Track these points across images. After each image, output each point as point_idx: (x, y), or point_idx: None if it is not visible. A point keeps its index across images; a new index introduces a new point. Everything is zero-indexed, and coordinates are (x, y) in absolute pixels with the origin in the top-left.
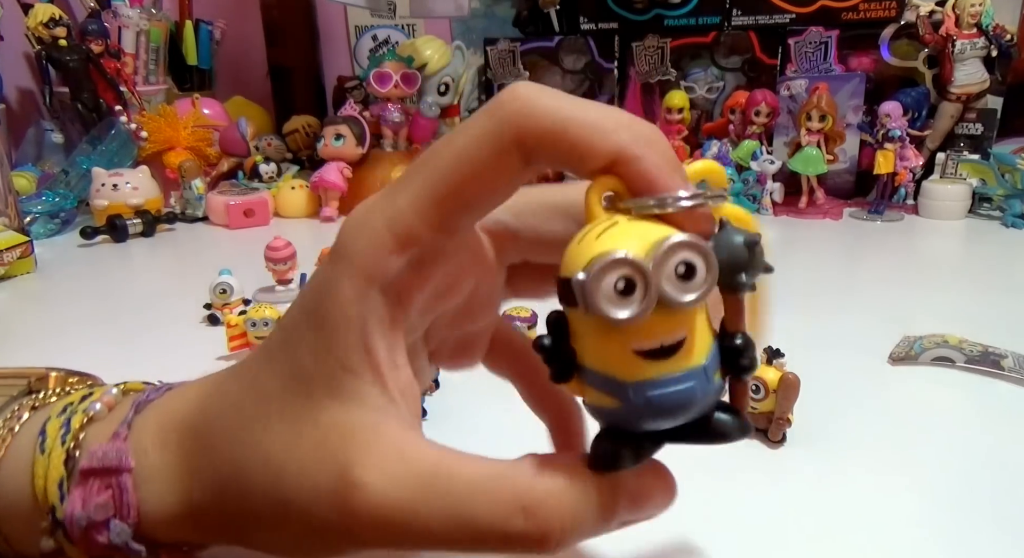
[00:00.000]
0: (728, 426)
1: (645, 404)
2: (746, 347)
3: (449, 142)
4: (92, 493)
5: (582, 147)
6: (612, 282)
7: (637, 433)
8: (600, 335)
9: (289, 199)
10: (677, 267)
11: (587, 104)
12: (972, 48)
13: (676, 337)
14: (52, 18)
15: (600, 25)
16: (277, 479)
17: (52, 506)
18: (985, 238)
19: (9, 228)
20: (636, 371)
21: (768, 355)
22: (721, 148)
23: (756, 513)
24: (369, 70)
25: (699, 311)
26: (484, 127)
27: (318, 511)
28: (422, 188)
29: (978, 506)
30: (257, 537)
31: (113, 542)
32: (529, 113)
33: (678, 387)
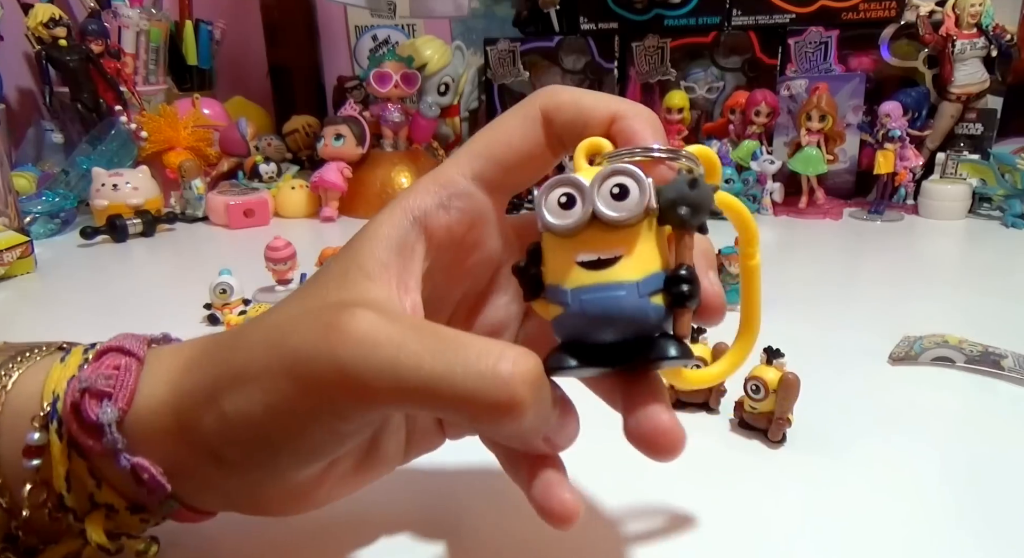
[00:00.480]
0: (666, 349)
1: (579, 307)
2: (689, 278)
3: (492, 121)
4: (102, 366)
5: (589, 108)
6: (556, 197)
7: (585, 345)
8: (553, 250)
9: (289, 199)
10: (612, 188)
11: (594, 92)
12: (972, 48)
13: (612, 252)
14: (52, 18)
15: (600, 25)
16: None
17: (56, 397)
18: (985, 238)
19: (9, 228)
20: (575, 278)
21: (768, 355)
22: (721, 148)
23: (756, 513)
24: (369, 70)
25: (646, 239)
26: (518, 106)
27: (304, 352)
28: (463, 148)
29: (978, 506)
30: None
31: (99, 419)
32: (553, 92)
33: (607, 294)
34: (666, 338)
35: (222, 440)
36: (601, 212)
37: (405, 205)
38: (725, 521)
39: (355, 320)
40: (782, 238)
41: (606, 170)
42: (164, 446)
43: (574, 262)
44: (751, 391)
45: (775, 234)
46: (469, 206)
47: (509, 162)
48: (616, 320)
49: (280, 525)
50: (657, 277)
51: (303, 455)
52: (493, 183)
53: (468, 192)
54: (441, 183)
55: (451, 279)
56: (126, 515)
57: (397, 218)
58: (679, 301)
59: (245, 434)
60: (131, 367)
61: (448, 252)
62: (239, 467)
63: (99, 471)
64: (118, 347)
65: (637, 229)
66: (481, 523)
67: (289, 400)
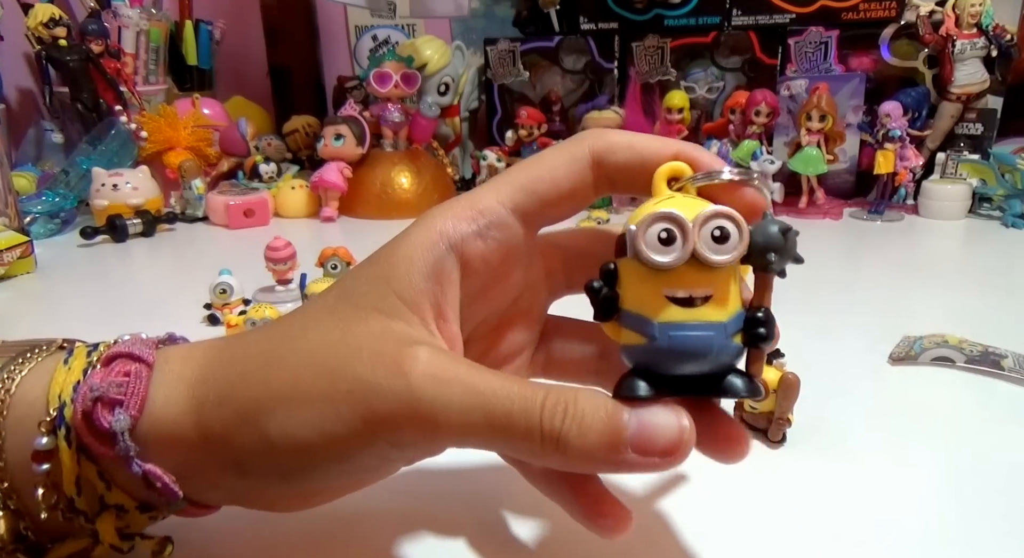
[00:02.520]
0: (738, 386)
1: (667, 343)
2: (767, 320)
3: (535, 155)
4: (111, 373)
5: (647, 151)
6: (656, 231)
7: (659, 374)
8: (641, 280)
9: (289, 199)
10: (713, 231)
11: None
12: (972, 48)
13: (704, 292)
14: (52, 18)
15: (600, 25)
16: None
17: (62, 403)
18: (985, 238)
19: (9, 228)
20: (664, 313)
21: (768, 355)
22: (721, 148)
23: (756, 513)
24: (369, 70)
25: (731, 280)
26: (564, 143)
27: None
28: (503, 178)
29: (978, 506)
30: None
31: (112, 428)
32: (601, 134)
33: (697, 333)
34: (738, 375)
35: (257, 457)
36: (703, 255)
37: (442, 229)
38: (725, 521)
39: (426, 356)
40: None
41: (707, 212)
42: (179, 453)
43: (663, 296)
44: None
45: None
46: (505, 237)
47: (551, 199)
48: (702, 358)
49: (284, 524)
50: (740, 317)
51: (343, 476)
52: (531, 217)
53: (506, 223)
54: (480, 210)
55: (476, 305)
56: (136, 514)
57: (432, 242)
58: (755, 342)
59: (289, 455)
60: (142, 374)
61: (480, 279)
62: (263, 478)
63: (109, 474)
64: (127, 353)
65: (728, 270)
66: (482, 522)
67: (349, 428)
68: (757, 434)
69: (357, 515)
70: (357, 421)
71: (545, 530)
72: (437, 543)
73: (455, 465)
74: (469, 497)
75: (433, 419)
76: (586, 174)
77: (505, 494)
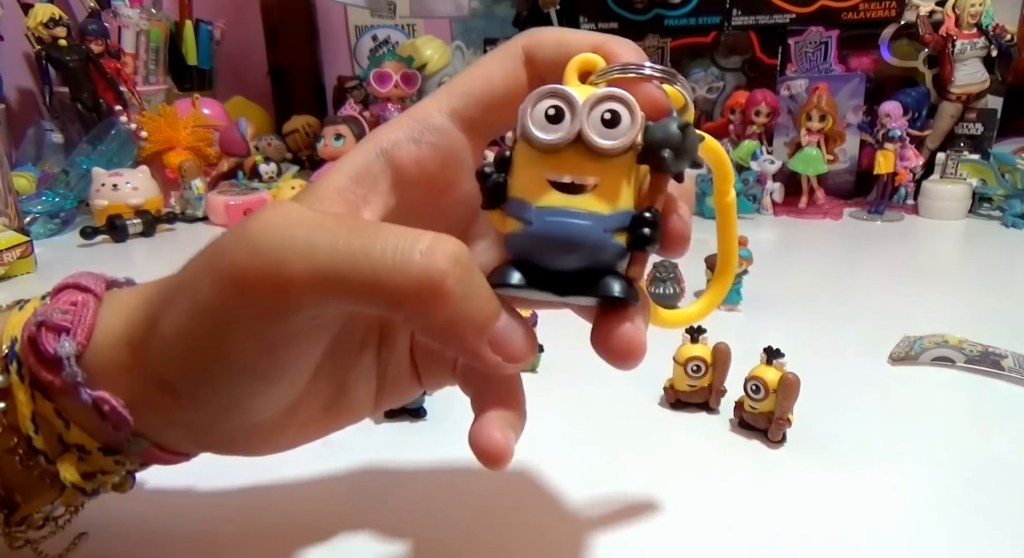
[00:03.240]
0: (613, 287)
1: (542, 228)
2: (653, 222)
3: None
4: (59, 302)
5: (572, 43)
6: (544, 108)
7: (535, 267)
8: (528, 163)
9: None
10: (604, 113)
11: (578, 30)
12: (972, 48)
13: (587, 180)
14: (52, 18)
15: (600, 25)
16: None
17: (14, 340)
18: (985, 238)
19: (9, 228)
20: (544, 197)
21: (768, 355)
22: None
23: (756, 513)
24: (369, 70)
25: (625, 175)
26: (501, 46)
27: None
28: (442, 87)
29: (978, 506)
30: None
31: (57, 353)
32: (535, 32)
33: (572, 220)
34: (615, 277)
35: (163, 362)
36: (588, 136)
37: (374, 138)
38: (725, 521)
39: (273, 208)
40: (782, 238)
41: (601, 92)
42: (122, 380)
43: (546, 180)
44: (751, 391)
45: (775, 234)
46: (443, 142)
47: (488, 100)
48: (574, 248)
49: (270, 521)
50: (624, 215)
51: (237, 376)
52: (471, 121)
53: (443, 127)
54: (415, 117)
55: (424, 220)
56: (99, 456)
57: (363, 150)
58: (639, 244)
59: (178, 350)
60: (88, 303)
61: (419, 189)
62: (190, 397)
63: (65, 411)
64: (74, 284)
65: (617, 161)
66: (473, 531)
67: (208, 299)
68: (757, 434)
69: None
70: (212, 290)
71: (541, 532)
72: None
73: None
74: (453, 510)
75: (277, 269)
76: (520, 72)
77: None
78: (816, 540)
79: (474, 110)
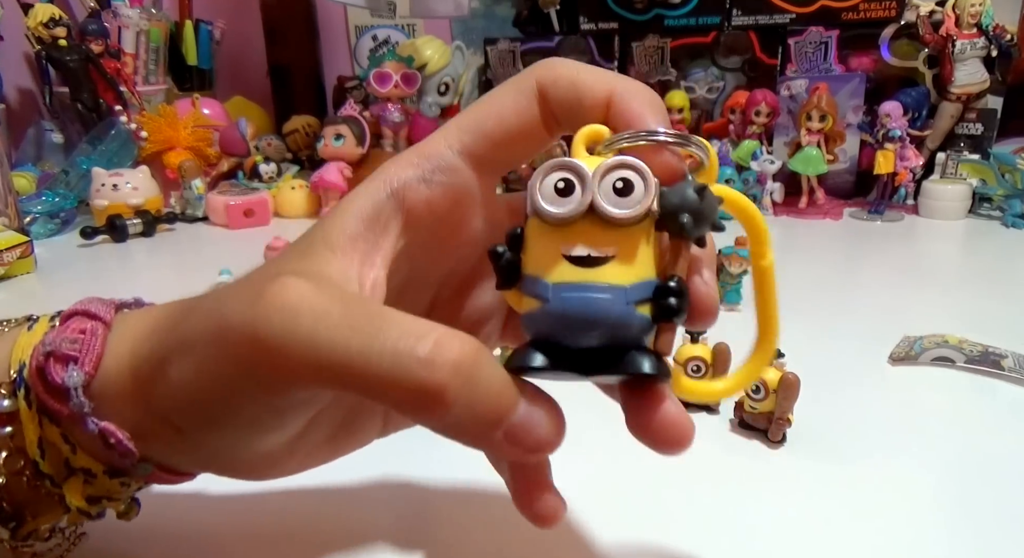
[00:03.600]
0: (640, 363)
1: (560, 306)
2: (679, 291)
3: (487, 93)
4: (67, 330)
5: (585, 85)
6: (553, 181)
7: (556, 346)
8: (538, 239)
9: (289, 199)
10: (616, 182)
11: (594, 67)
12: (972, 48)
13: (604, 251)
14: (52, 18)
15: (600, 25)
16: (212, 308)
17: (22, 364)
18: (985, 238)
19: (9, 228)
20: (559, 272)
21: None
22: (721, 148)
23: (756, 513)
24: (369, 70)
25: (642, 243)
26: (514, 78)
27: (233, 318)
28: (453, 121)
29: (978, 506)
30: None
31: (64, 383)
32: (550, 66)
33: (591, 295)
34: (642, 352)
35: (171, 407)
36: (600, 206)
37: (384, 177)
38: (725, 521)
39: (282, 289)
40: (782, 238)
41: (611, 161)
42: (127, 410)
43: (561, 255)
44: (751, 391)
45: (775, 234)
46: (453, 181)
47: (500, 138)
48: (596, 324)
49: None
50: (647, 285)
51: (244, 429)
52: (482, 159)
53: (453, 166)
54: (425, 155)
55: (432, 259)
56: (105, 479)
57: (373, 189)
58: (665, 315)
59: (186, 402)
60: (97, 331)
61: (429, 230)
62: (195, 435)
63: (72, 436)
64: (84, 311)
65: (633, 230)
66: (472, 529)
67: (216, 368)
68: (757, 434)
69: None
70: (219, 361)
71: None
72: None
73: (440, 472)
74: (450, 507)
75: (281, 357)
76: (533, 109)
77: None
78: (816, 540)
79: (485, 148)
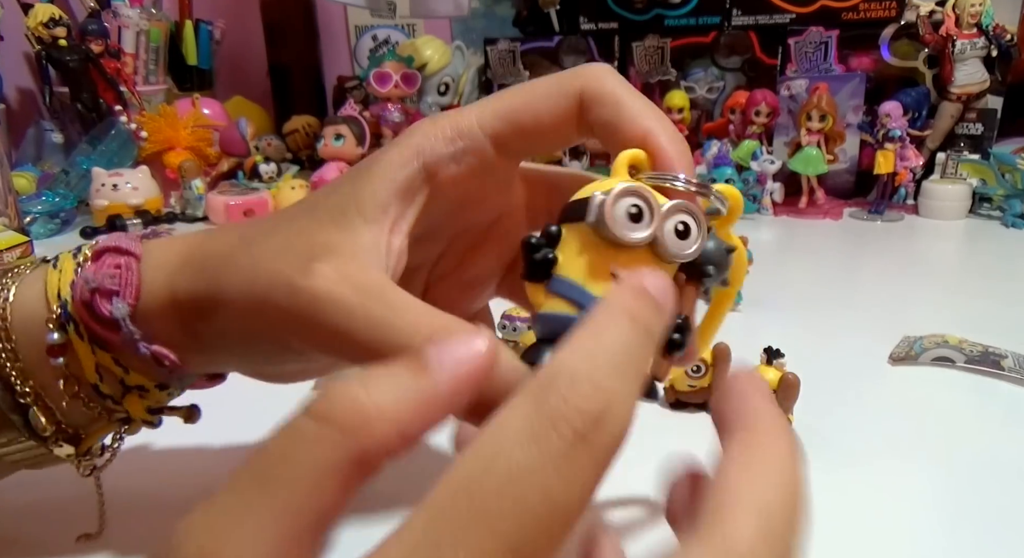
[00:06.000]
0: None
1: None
2: (685, 327)
3: (527, 82)
4: (103, 266)
5: (626, 117)
6: (627, 205)
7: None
8: (591, 250)
9: (289, 199)
10: (678, 224)
11: (639, 94)
12: (972, 48)
13: None
14: (52, 18)
15: (600, 25)
16: (255, 268)
17: (63, 301)
18: (985, 238)
19: (9, 228)
20: (605, 288)
21: (768, 355)
22: (721, 148)
23: None
24: (369, 70)
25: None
26: (558, 76)
27: (273, 292)
28: (488, 103)
29: (978, 506)
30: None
31: (113, 315)
32: (598, 79)
33: None
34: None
35: (211, 346)
36: (663, 242)
37: (418, 147)
38: None
39: (320, 279)
40: (782, 238)
41: (678, 203)
42: (169, 332)
43: (610, 272)
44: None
45: (775, 234)
46: (481, 162)
47: (532, 132)
48: None
49: None
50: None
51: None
52: (510, 148)
53: (483, 149)
54: (459, 131)
55: (449, 221)
56: (155, 392)
57: (406, 158)
58: (670, 347)
59: (221, 338)
60: (131, 265)
61: (451, 200)
62: (235, 360)
63: (122, 359)
64: (115, 247)
65: (671, 267)
66: None
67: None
68: None
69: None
70: (258, 320)
71: None
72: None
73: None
74: None
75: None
76: (571, 115)
77: None
78: (816, 540)
79: (515, 138)
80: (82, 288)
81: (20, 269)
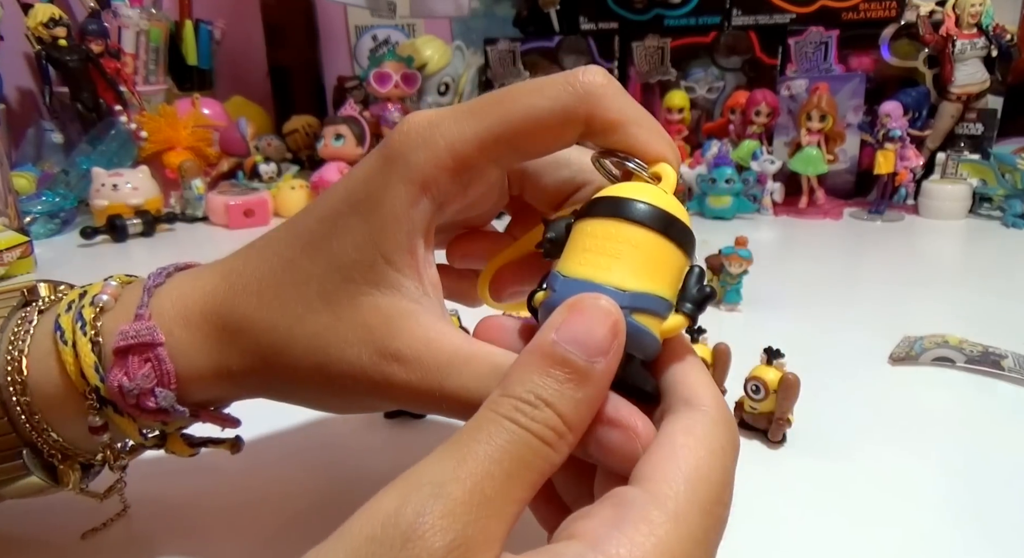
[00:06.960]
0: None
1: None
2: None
3: (528, 95)
4: (134, 367)
5: (640, 145)
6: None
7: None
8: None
9: (289, 199)
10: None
11: (643, 111)
12: (972, 48)
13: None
14: (52, 18)
15: (600, 25)
16: (323, 353)
17: (95, 387)
18: (985, 238)
19: (9, 228)
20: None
21: (768, 355)
22: (721, 148)
23: (756, 513)
24: (369, 70)
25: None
26: (561, 96)
27: (359, 380)
28: (492, 126)
29: (978, 506)
30: (298, 395)
31: (160, 406)
32: (603, 98)
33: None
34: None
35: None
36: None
37: (424, 182)
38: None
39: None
40: (782, 238)
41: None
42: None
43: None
44: (751, 391)
45: (775, 234)
46: (484, 184)
47: (535, 154)
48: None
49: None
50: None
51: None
52: (511, 165)
53: (486, 174)
54: (462, 162)
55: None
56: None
57: (416, 197)
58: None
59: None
60: (161, 355)
61: (457, 210)
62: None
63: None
64: (137, 344)
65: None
66: None
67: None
68: (757, 434)
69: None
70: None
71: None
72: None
73: None
74: None
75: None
76: (572, 139)
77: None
78: (817, 539)
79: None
80: (125, 396)
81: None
